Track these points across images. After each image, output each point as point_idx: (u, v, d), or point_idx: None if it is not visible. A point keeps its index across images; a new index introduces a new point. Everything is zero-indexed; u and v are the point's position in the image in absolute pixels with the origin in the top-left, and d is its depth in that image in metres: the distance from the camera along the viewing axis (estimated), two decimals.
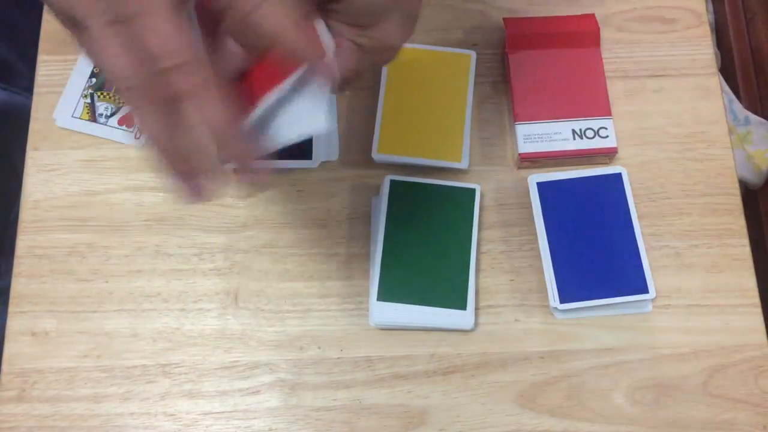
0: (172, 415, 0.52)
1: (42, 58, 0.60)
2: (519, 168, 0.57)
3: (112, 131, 0.58)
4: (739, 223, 0.56)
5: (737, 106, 1.12)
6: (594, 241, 0.53)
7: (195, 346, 0.53)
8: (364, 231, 0.56)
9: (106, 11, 0.32)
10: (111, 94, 0.59)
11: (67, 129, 0.58)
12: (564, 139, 0.56)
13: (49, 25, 0.61)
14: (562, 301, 0.52)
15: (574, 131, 0.56)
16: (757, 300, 0.54)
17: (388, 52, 0.40)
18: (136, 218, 0.56)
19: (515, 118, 0.57)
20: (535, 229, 0.54)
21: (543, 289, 0.53)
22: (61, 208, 0.56)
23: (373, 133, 0.56)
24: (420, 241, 0.54)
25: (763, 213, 1.11)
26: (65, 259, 0.55)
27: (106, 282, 0.55)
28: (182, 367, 0.53)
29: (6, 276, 0.56)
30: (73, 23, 0.33)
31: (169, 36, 0.32)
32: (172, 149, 0.34)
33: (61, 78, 0.59)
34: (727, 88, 1.13)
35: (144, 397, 0.52)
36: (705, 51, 0.61)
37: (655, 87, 0.59)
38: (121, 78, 0.32)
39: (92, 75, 0.59)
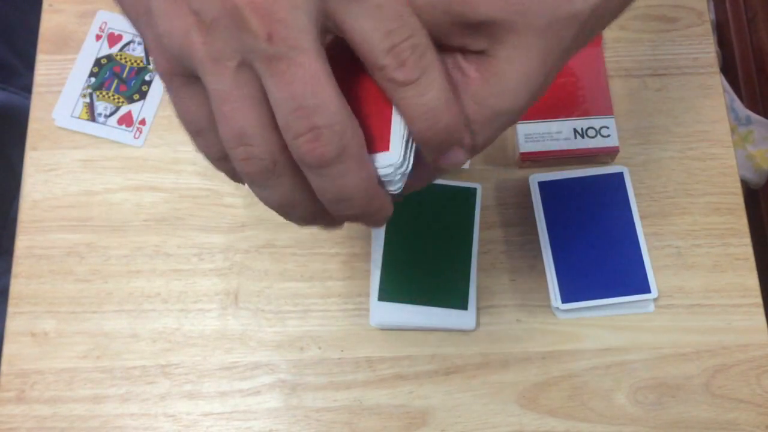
0: (171, 416, 0.52)
1: (40, 57, 0.60)
2: (520, 167, 0.57)
3: (111, 131, 0.58)
4: (741, 222, 0.56)
5: (738, 105, 1.12)
6: (596, 241, 0.53)
7: (195, 347, 0.53)
8: (365, 231, 0.55)
9: (234, 53, 0.25)
10: (110, 94, 0.59)
11: (66, 129, 0.58)
12: (565, 139, 0.56)
13: (48, 24, 0.61)
14: (564, 301, 0.52)
15: (575, 130, 0.56)
16: (759, 299, 0.54)
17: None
18: (135, 218, 0.56)
19: None
20: (536, 229, 0.54)
21: (544, 289, 0.53)
22: (60, 208, 0.56)
23: None
24: (421, 241, 0.54)
25: (764, 212, 1.11)
26: (64, 260, 0.55)
27: (106, 282, 0.54)
28: (182, 367, 0.53)
29: (5, 276, 0.56)
30: (179, 69, 0.26)
31: (316, 89, 0.24)
32: (308, 215, 0.29)
33: (60, 77, 0.59)
34: (728, 87, 1.13)
35: (144, 398, 0.52)
36: (707, 50, 0.60)
37: (656, 86, 0.59)
38: (244, 143, 0.26)
39: (91, 74, 0.59)
